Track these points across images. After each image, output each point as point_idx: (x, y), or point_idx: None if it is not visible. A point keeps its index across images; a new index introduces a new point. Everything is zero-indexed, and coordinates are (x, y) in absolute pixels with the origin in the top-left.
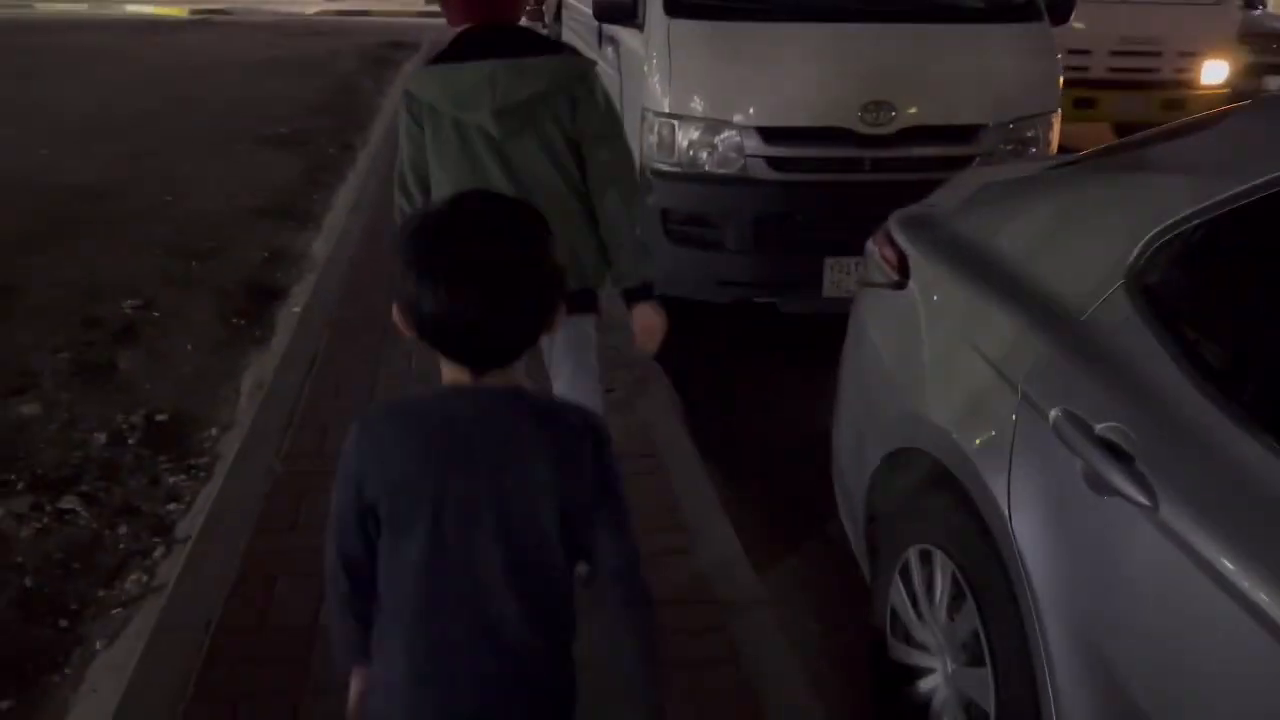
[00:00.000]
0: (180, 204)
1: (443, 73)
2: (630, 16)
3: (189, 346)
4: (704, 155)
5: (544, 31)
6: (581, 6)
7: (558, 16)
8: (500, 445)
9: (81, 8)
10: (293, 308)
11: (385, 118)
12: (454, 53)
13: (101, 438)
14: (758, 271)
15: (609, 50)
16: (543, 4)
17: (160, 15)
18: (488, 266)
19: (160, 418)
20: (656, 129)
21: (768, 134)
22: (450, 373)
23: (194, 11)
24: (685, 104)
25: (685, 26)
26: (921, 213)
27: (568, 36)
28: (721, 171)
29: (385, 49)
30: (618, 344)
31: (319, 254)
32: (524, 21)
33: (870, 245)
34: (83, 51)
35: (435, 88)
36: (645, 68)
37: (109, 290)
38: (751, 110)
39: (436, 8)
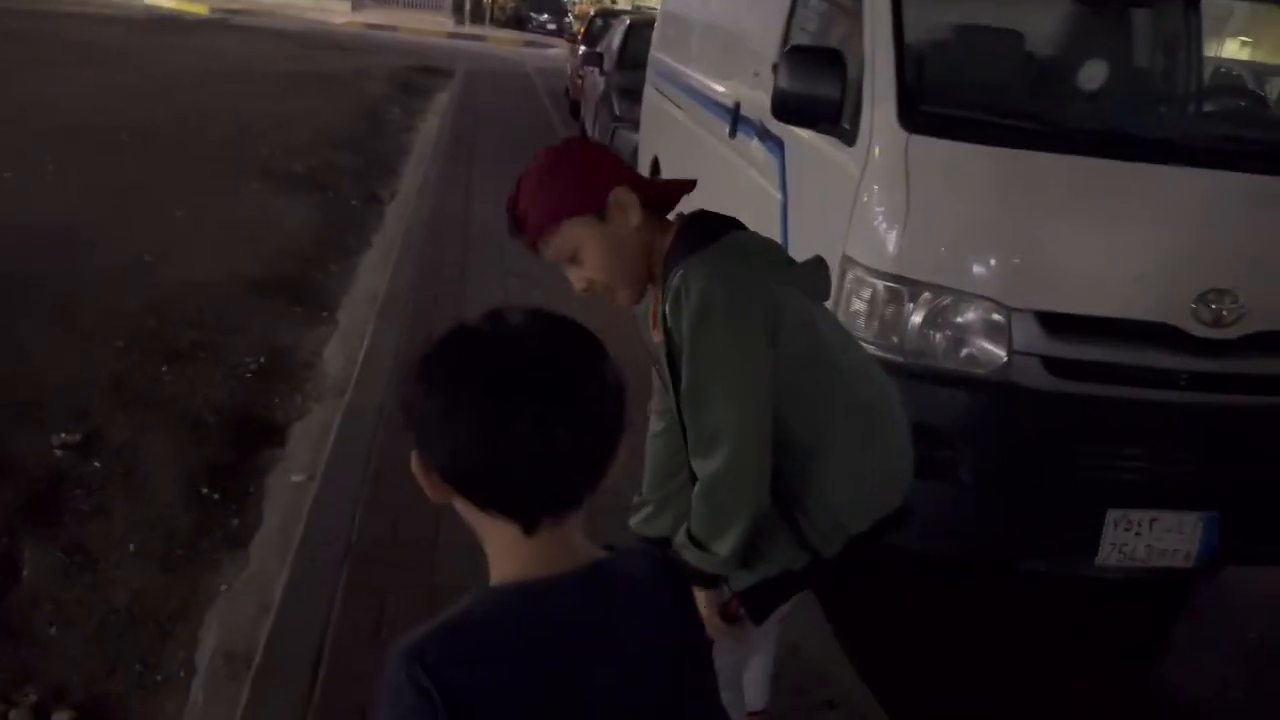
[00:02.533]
0: (162, 267)
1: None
2: (831, 120)
3: (130, 546)
4: (942, 341)
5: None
6: (685, 70)
7: (620, 64)
8: (590, 640)
9: None
10: (292, 475)
11: (416, 160)
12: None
13: None
14: (1003, 519)
15: (754, 145)
16: (592, 44)
17: (180, 10)
18: (543, 387)
19: (60, 717)
20: (869, 294)
21: (1053, 323)
22: (499, 546)
23: (214, 10)
24: (922, 263)
25: (933, 148)
26: None
27: (651, 98)
28: (970, 370)
29: (416, 74)
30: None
31: (331, 366)
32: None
33: None
34: (86, 46)
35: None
36: (856, 199)
37: (42, 405)
38: (1030, 285)
39: (468, 30)
